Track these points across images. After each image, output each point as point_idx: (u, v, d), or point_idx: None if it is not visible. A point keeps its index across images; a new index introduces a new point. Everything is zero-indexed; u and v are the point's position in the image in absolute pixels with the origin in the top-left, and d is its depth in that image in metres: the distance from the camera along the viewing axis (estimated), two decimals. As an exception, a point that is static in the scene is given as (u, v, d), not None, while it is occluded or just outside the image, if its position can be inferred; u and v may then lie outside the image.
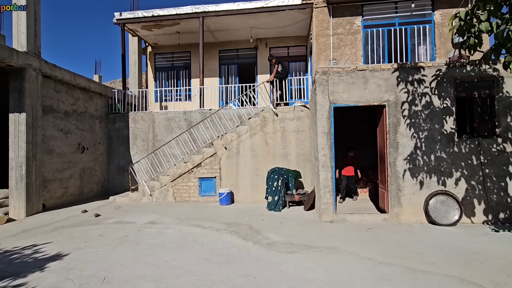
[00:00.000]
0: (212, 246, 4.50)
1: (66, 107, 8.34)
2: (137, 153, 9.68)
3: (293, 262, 3.84)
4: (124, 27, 10.67)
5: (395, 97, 5.70)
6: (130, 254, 4.22)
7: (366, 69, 5.76)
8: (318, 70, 5.90)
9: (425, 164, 5.58)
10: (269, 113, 8.28)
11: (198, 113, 9.43)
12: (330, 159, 5.85)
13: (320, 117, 5.88)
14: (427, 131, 5.59)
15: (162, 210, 7.22)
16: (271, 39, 11.89)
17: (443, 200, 5.43)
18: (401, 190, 5.64)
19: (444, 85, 5.57)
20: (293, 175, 7.53)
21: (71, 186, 8.39)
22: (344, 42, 9.04)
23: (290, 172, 7.54)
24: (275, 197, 7.13)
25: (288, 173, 7.47)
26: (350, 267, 3.66)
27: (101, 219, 6.38)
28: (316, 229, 5.36)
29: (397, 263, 3.76)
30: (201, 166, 8.35)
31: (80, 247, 4.57)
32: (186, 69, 12.50)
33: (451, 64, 5.56)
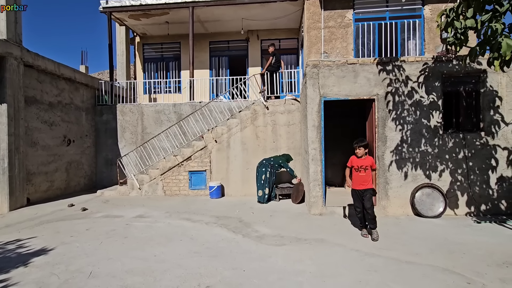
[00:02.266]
0: (202, 240, 4.50)
1: (50, 98, 8.07)
2: (125, 146, 9.51)
3: (282, 255, 3.88)
4: (111, 15, 10.34)
5: (384, 91, 5.74)
6: (117, 248, 4.17)
7: (357, 63, 5.77)
8: (309, 63, 5.87)
9: (411, 158, 5.68)
10: (260, 106, 8.24)
11: (188, 106, 9.30)
12: (320, 152, 5.88)
13: (310, 110, 5.88)
14: (413, 125, 5.68)
15: (151, 204, 7.15)
16: (262, 31, 11.76)
17: (429, 192, 5.56)
18: (388, 183, 5.74)
19: (431, 79, 5.64)
20: (284, 160, 7.42)
21: (57, 180, 8.19)
22: (335, 35, 9.02)
23: (279, 158, 7.47)
24: (264, 190, 7.15)
25: (278, 161, 7.37)
26: (337, 259, 3.72)
27: (88, 213, 6.27)
28: (305, 222, 5.41)
29: (383, 254, 3.84)
30: (191, 159, 8.28)
31: (66, 241, 4.48)
32: (176, 61, 12.26)
33: (438, 59, 5.63)
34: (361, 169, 4.42)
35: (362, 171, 4.41)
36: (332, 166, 8.60)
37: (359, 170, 4.44)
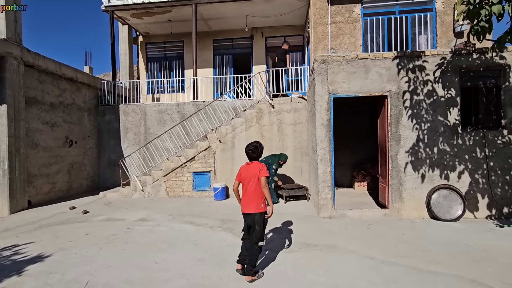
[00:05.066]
0: (206, 245, 4.25)
1: (52, 98, 7.91)
2: (128, 146, 9.33)
3: (292, 263, 3.61)
4: (113, 14, 10.16)
5: (397, 87, 5.43)
6: (117, 255, 3.94)
7: (368, 58, 5.47)
8: (317, 58, 5.59)
9: (427, 157, 5.36)
10: (265, 104, 7.97)
11: (191, 105, 9.08)
12: (329, 152, 5.59)
13: (318, 108, 5.60)
14: (430, 123, 5.35)
15: (154, 206, 6.94)
16: (267, 28, 11.48)
17: (446, 194, 5.23)
18: (402, 185, 5.42)
19: (448, 74, 5.31)
20: (274, 160, 6.99)
21: (59, 182, 8.04)
22: (343, 31, 8.70)
23: (270, 158, 7.07)
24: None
25: (268, 160, 6.98)
26: (351, 268, 3.44)
27: (89, 216, 6.08)
28: (314, 226, 5.13)
29: (401, 262, 3.55)
30: (194, 160, 8.05)
31: (64, 247, 4.28)
32: (179, 60, 12.06)
33: (456, 52, 5.29)
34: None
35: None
36: (340, 166, 8.30)
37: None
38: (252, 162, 3.32)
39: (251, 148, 3.32)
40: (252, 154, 3.31)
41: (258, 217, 3.19)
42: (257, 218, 3.19)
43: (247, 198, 3.23)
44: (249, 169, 3.26)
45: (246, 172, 3.26)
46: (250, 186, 3.21)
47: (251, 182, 3.21)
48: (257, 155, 3.33)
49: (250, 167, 3.28)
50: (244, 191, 3.29)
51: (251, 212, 3.20)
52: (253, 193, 3.19)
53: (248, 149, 3.33)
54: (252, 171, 3.22)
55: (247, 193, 3.23)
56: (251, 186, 3.21)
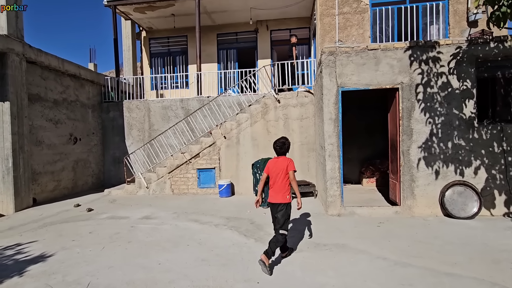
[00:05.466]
0: (210, 245, 4.12)
1: (55, 95, 7.85)
2: (132, 143, 9.26)
3: (300, 263, 3.46)
4: (116, 9, 10.03)
5: (410, 79, 5.17)
6: (120, 255, 3.84)
7: (378, 49, 5.22)
8: (325, 50, 5.36)
9: (441, 153, 5.12)
10: (270, 99, 7.78)
11: (195, 101, 8.93)
12: (337, 148, 5.39)
13: (326, 102, 5.39)
14: (444, 116, 5.10)
15: (159, 204, 6.85)
16: (272, 21, 11.21)
17: (461, 191, 5.00)
18: (414, 181, 5.20)
19: (464, 64, 5.04)
20: (261, 167, 6.55)
21: (63, 179, 8.01)
22: (351, 22, 8.41)
23: (260, 162, 6.72)
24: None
25: (262, 163, 6.65)
26: (363, 269, 3.27)
27: (93, 214, 6.02)
28: (323, 224, 4.96)
29: (415, 263, 3.36)
30: (199, 156, 7.93)
31: (67, 246, 4.20)
32: (183, 55, 11.89)
33: (472, 41, 5.01)
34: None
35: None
36: (348, 162, 8.07)
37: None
38: (280, 156, 3.50)
39: (279, 144, 3.50)
40: (279, 149, 3.50)
41: (282, 206, 3.41)
42: (281, 208, 3.41)
43: (275, 190, 3.46)
44: (277, 163, 3.46)
45: (275, 166, 3.47)
46: (278, 179, 3.42)
47: (279, 175, 3.41)
48: (284, 150, 3.50)
49: (278, 161, 3.48)
50: (272, 183, 3.49)
51: (277, 202, 3.43)
52: (280, 185, 3.41)
53: (276, 145, 3.51)
54: (280, 165, 3.42)
55: (275, 185, 3.45)
56: (279, 179, 3.41)
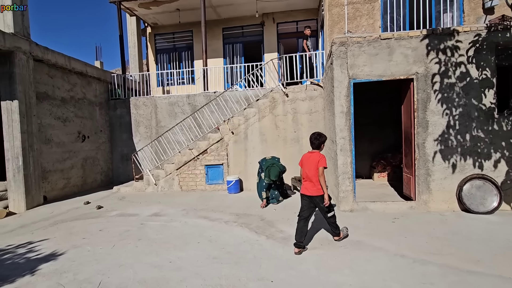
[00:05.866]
0: (221, 242, 4.05)
1: (63, 93, 7.84)
2: (140, 140, 9.24)
3: (314, 261, 3.35)
4: (121, 5, 9.95)
5: (425, 69, 4.96)
6: (130, 253, 3.80)
7: (392, 38, 5.01)
8: (336, 40, 5.17)
9: (459, 145, 4.92)
10: (278, 93, 7.62)
11: (202, 97, 8.83)
12: (349, 142, 5.24)
13: (338, 95, 5.22)
14: (462, 107, 4.88)
15: (168, 201, 6.82)
16: (278, 13, 10.98)
17: (480, 185, 4.80)
18: (430, 175, 5.02)
19: (483, 52, 4.79)
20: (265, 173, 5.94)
21: (73, 177, 8.05)
22: (360, 12, 8.14)
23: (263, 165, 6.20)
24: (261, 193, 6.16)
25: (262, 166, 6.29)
26: (381, 267, 3.14)
27: (103, 212, 6.01)
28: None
29: (435, 261, 3.22)
30: (207, 152, 7.85)
31: (78, 244, 4.18)
32: (189, 50, 11.78)
33: (492, 28, 4.76)
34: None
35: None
36: (358, 156, 7.86)
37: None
38: (314, 151, 3.71)
39: (315, 135, 3.74)
40: (315, 141, 3.71)
41: (319, 198, 3.61)
42: (319, 199, 3.62)
43: (307, 182, 3.68)
44: (310, 157, 3.67)
45: (308, 160, 3.69)
46: (310, 172, 3.63)
47: (311, 169, 3.61)
48: (319, 143, 3.70)
49: (311, 156, 3.68)
50: (304, 175, 3.71)
51: (312, 195, 3.63)
52: (312, 178, 3.60)
53: (313, 137, 3.73)
54: (312, 160, 3.63)
55: (308, 178, 3.67)
56: (310, 173, 3.62)
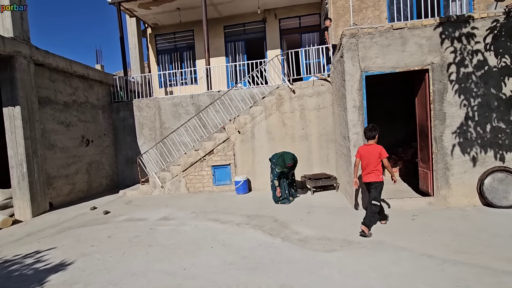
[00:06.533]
0: (235, 246, 3.88)
1: (65, 97, 7.71)
2: (144, 143, 9.10)
3: (336, 264, 3.17)
4: (120, 6, 9.79)
5: (441, 59, 4.75)
6: (142, 260, 3.64)
7: (405, 27, 4.79)
8: (346, 32, 4.97)
9: (478, 137, 4.71)
10: (285, 90, 7.43)
11: (206, 96, 8.67)
12: (363, 137, 5.04)
13: (349, 88, 5.02)
14: (480, 97, 4.67)
15: (175, 203, 6.66)
16: (280, 9, 10.79)
17: (502, 178, 4.59)
18: (449, 169, 4.81)
19: (502, 39, 4.57)
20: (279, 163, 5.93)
21: (78, 182, 7.92)
22: (366, 3, 7.94)
23: (275, 158, 6.10)
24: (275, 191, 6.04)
25: (273, 160, 6.17)
26: (407, 269, 2.96)
27: (110, 217, 5.87)
28: (350, 219, 4.65)
29: (465, 260, 3.03)
30: (213, 153, 7.69)
31: (87, 252, 4.03)
32: (190, 50, 11.62)
33: (510, 13, 4.53)
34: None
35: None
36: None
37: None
38: (371, 144, 4.07)
39: (370, 127, 4.09)
40: (370, 132, 4.07)
41: (377, 184, 3.98)
42: (376, 185, 3.98)
43: (368, 171, 4.03)
44: (369, 149, 4.05)
45: (366, 152, 4.06)
46: (370, 162, 4.00)
47: (371, 159, 3.99)
48: (374, 134, 4.05)
49: (369, 148, 4.06)
50: (364, 165, 4.08)
51: (372, 181, 4.00)
52: (373, 167, 3.98)
53: (367, 129, 4.10)
54: (372, 151, 4.01)
55: (368, 167, 4.02)
56: (371, 163, 3.99)
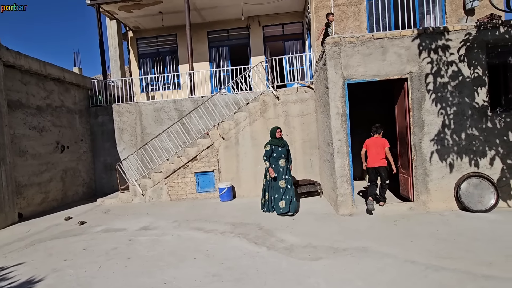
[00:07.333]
0: (219, 256, 3.76)
1: (38, 101, 7.30)
2: (124, 149, 8.77)
3: (322, 273, 3.14)
4: (100, 8, 9.49)
5: (419, 68, 4.93)
6: (119, 275, 3.44)
7: (384, 37, 4.95)
8: (328, 41, 5.05)
9: (455, 144, 4.90)
10: (269, 96, 7.44)
11: (189, 101, 8.51)
12: (346, 144, 5.11)
13: (332, 96, 5.09)
14: (456, 106, 4.88)
15: (157, 212, 6.42)
16: (264, 16, 10.88)
17: (477, 183, 4.79)
18: (428, 175, 4.97)
19: (474, 51, 4.82)
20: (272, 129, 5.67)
21: (52, 190, 7.47)
22: (347, 14, 8.17)
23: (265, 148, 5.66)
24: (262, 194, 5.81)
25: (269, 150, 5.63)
26: (393, 276, 2.97)
27: (86, 227, 5.55)
28: (336, 225, 4.66)
29: (447, 266, 3.09)
30: (197, 159, 7.52)
31: (58, 268, 3.75)
32: (173, 54, 11.43)
33: (481, 26, 4.80)
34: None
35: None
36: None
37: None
38: (376, 136, 5.17)
39: (377, 127, 5.24)
40: (377, 130, 5.23)
41: (383, 168, 5.08)
42: (383, 169, 5.09)
43: (374, 157, 5.10)
44: (376, 140, 5.14)
45: (374, 142, 5.14)
46: (376, 151, 5.09)
47: (378, 148, 5.09)
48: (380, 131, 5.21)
49: (376, 139, 5.14)
50: (374, 154, 5.10)
51: (379, 165, 5.08)
52: (379, 154, 5.07)
53: (374, 128, 5.24)
54: (379, 142, 5.11)
55: (374, 155, 5.10)
56: (377, 151, 5.09)
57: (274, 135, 5.60)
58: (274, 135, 5.61)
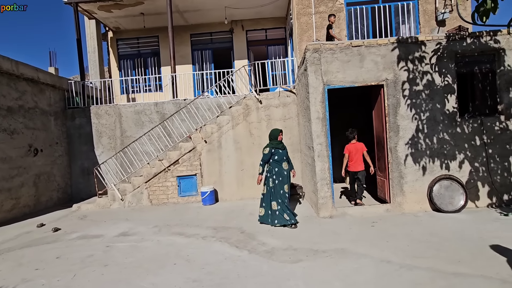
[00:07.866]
0: (201, 261, 3.73)
1: (9, 102, 6.94)
2: (103, 152, 8.50)
3: (302, 275, 3.19)
4: (78, 7, 9.20)
5: (394, 75, 5.16)
6: (95, 283, 3.32)
7: (362, 45, 5.14)
8: (309, 47, 5.18)
9: (427, 148, 5.15)
10: (252, 100, 7.49)
11: (171, 104, 8.40)
12: (326, 147, 5.24)
13: (313, 101, 5.21)
14: (429, 112, 5.14)
15: (137, 217, 6.26)
16: (247, 21, 10.97)
17: (447, 185, 5.05)
18: (403, 177, 5.18)
19: (444, 60, 5.11)
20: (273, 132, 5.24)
21: (23, 196, 7.09)
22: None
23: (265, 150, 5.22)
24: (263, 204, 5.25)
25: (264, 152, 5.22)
26: (369, 276, 3.07)
27: (60, 235, 5.32)
28: (316, 228, 4.75)
29: (420, 265, 3.24)
30: (179, 163, 7.42)
31: (29, 277, 3.57)
32: (155, 56, 11.26)
33: (450, 37, 5.10)
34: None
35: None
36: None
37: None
38: (355, 142, 5.60)
39: (351, 131, 5.67)
40: (351, 134, 5.65)
41: (363, 172, 5.56)
42: (362, 173, 5.56)
43: (355, 162, 5.55)
44: (356, 146, 5.56)
45: (354, 148, 5.56)
46: (357, 156, 5.53)
47: (357, 153, 5.53)
48: (354, 135, 5.65)
49: (356, 145, 5.57)
50: (355, 159, 5.54)
51: (358, 170, 5.55)
52: (359, 159, 5.53)
53: (348, 132, 5.67)
54: (358, 147, 5.55)
55: (355, 160, 5.54)
56: (357, 156, 5.53)
57: (276, 138, 5.10)
58: (275, 137, 5.10)
